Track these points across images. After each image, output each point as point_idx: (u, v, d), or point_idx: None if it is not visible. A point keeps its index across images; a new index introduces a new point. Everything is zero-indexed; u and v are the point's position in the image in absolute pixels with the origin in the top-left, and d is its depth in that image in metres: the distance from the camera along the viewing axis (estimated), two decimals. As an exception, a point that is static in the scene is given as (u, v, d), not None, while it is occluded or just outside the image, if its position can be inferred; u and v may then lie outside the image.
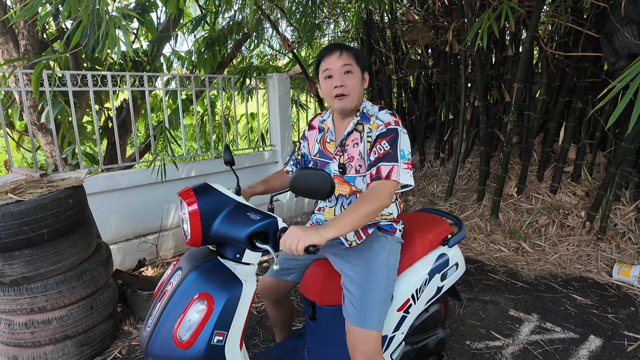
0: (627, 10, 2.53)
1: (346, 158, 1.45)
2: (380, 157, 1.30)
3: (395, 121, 1.36)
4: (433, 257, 1.66)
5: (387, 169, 1.28)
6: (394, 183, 1.28)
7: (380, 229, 1.51)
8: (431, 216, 1.86)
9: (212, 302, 1.09)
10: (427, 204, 4.12)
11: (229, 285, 1.13)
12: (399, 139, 1.33)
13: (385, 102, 4.60)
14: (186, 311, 1.09)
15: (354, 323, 1.35)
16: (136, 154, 3.40)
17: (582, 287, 2.72)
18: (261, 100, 4.55)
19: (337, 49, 1.39)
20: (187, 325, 1.08)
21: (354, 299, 1.37)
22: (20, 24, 3.41)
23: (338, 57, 1.38)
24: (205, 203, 1.15)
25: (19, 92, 3.27)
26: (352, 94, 1.39)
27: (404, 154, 1.33)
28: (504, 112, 3.93)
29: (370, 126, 1.39)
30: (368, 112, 1.43)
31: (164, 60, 4.37)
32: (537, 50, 3.96)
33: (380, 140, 1.33)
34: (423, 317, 1.69)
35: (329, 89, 1.40)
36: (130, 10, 2.87)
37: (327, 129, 1.52)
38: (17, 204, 1.67)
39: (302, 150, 1.66)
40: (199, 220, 1.13)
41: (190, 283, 1.13)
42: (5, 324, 1.81)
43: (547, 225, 3.39)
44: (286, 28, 5.38)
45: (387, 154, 1.30)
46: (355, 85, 1.39)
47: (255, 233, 1.13)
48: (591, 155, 3.51)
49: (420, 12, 4.13)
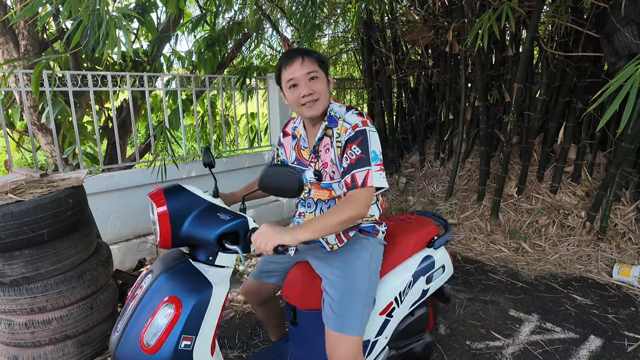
0: (627, 10, 2.53)
1: (320, 165, 1.42)
2: (353, 163, 1.27)
3: (362, 121, 1.31)
4: (418, 259, 1.63)
5: (362, 175, 1.25)
6: (370, 190, 1.25)
7: (362, 231, 1.48)
8: (417, 217, 1.84)
9: (180, 305, 1.07)
10: (427, 204, 4.12)
11: (198, 289, 1.10)
12: (368, 140, 1.28)
13: (385, 102, 4.60)
14: (154, 315, 1.07)
15: (333, 328, 1.32)
16: (136, 154, 3.40)
17: (582, 287, 2.72)
18: (261, 100, 4.55)
19: (298, 55, 1.33)
20: (154, 329, 1.06)
21: (334, 303, 1.34)
22: (20, 24, 3.41)
23: (301, 65, 1.32)
24: (175, 204, 1.14)
25: (19, 92, 3.27)
26: (322, 99, 1.36)
27: (376, 155, 1.29)
28: (504, 112, 3.93)
29: (339, 130, 1.34)
30: (335, 115, 1.38)
31: (164, 61, 4.38)
32: (537, 51, 3.96)
33: (350, 145, 1.29)
34: (408, 321, 1.65)
35: (296, 98, 1.35)
36: (131, 10, 2.87)
37: (300, 135, 1.49)
38: (17, 204, 1.67)
39: (281, 156, 1.63)
40: (168, 221, 1.12)
41: (159, 286, 1.11)
42: (6, 324, 1.81)
43: (547, 226, 3.39)
44: (286, 28, 5.38)
45: (360, 159, 1.26)
46: (323, 90, 1.35)
47: (225, 234, 1.12)
48: (591, 155, 3.51)
49: (420, 12, 4.13)
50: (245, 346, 2.16)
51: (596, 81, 3.27)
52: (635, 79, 1.37)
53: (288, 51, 1.39)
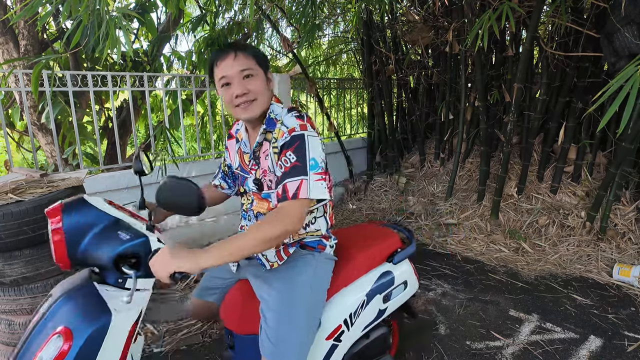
0: (627, 10, 2.53)
1: (261, 172, 1.28)
2: (287, 171, 1.12)
3: (301, 125, 1.17)
4: (373, 276, 1.47)
5: (295, 185, 1.10)
6: (303, 202, 1.10)
7: (305, 247, 1.34)
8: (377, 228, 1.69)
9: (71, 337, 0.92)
10: (427, 204, 4.12)
11: (93, 317, 0.95)
12: (306, 146, 1.14)
13: (385, 102, 4.60)
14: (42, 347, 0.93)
15: (269, 358, 1.18)
16: (136, 154, 3.40)
17: (582, 287, 2.72)
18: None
19: (231, 50, 1.20)
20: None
21: (270, 329, 1.19)
22: (20, 24, 3.41)
23: (233, 61, 1.19)
24: (73, 220, 1.03)
25: (19, 92, 3.27)
26: (259, 99, 1.22)
27: (316, 163, 1.14)
28: (504, 112, 3.94)
29: (276, 134, 1.20)
30: (275, 117, 1.25)
31: (164, 61, 4.37)
32: (537, 51, 3.96)
33: (285, 152, 1.14)
34: (362, 344, 1.48)
35: (229, 98, 1.22)
36: (131, 10, 2.87)
37: (241, 139, 1.38)
38: (17, 204, 1.67)
39: (227, 161, 1.50)
40: (63, 240, 1.01)
41: (53, 315, 0.97)
42: (6, 324, 1.81)
43: (547, 226, 3.39)
44: (286, 28, 5.38)
45: (294, 168, 1.12)
46: (260, 89, 1.22)
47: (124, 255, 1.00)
48: (591, 155, 3.51)
49: (420, 12, 4.13)
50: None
51: (596, 81, 3.27)
52: (635, 79, 1.38)
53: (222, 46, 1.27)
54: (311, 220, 1.34)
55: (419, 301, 2.55)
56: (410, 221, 3.96)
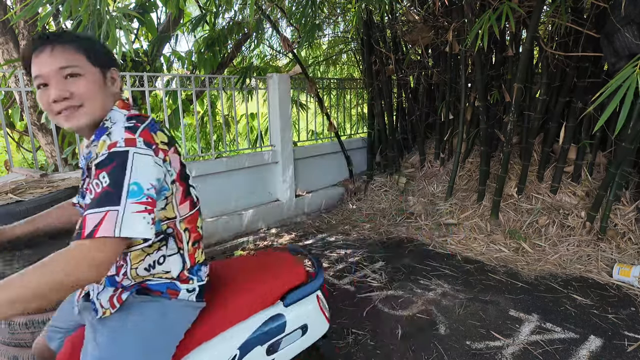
0: (627, 10, 2.53)
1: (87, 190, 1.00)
2: (95, 199, 0.85)
3: (127, 139, 0.90)
4: (254, 322, 1.20)
5: (96, 219, 0.82)
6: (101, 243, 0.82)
7: (148, 292, 1.04)
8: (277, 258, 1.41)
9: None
10: (427, 204, 4.12)
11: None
12: (127, 167, 0.87)
13: (385, 102, 4.60)
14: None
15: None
16: (136, 154, 3.40)
17: (582, 287, 2.72)
18: (261, 100, 4.55)
19: (47, 44, 0.94)
20: None
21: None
22: (20, 24, 3.42)
23: (49, 56, 0.94)
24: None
25: (19, 92, 3.27)
26: (87, 105, 0.97)
27: (140, 189, 0.87)
28: (504, 112, 3.94)
29: (98, 148, 0.93)
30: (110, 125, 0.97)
31: (164, 61, 4.38)
32: (537, 51, 3.97)
33: (99, 172, 0.87)
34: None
35: (45, 103, 0.96)
36: (131, 10, 2.87)
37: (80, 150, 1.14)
38: (18, 204, 1.67)
39: None
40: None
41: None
42: (5, 324, 1.81)
43: (547, 226, 3.39)
44: (286, 28, 5.38)
45: (103, 195, 0.85)
46: (88, 92, 0.97)
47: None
48: (591, 155, 3.51)
49: (420, 12, 4.13)
50: None
51: (596, 81, 3.27)
52: (633, 79, 1.38)
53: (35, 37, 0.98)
54: (158, 260, 1.05)
55: (418, 301, 2.55)
56: (410, 221, 3.97)
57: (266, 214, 4.02)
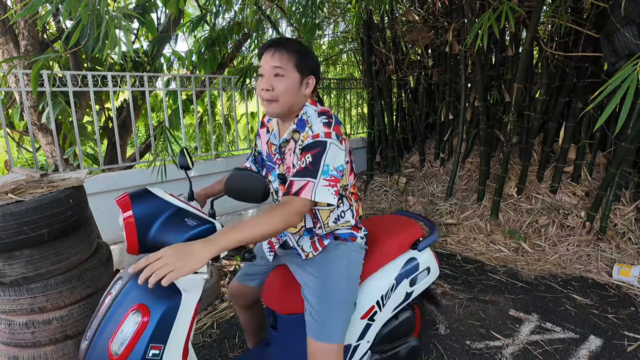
0: (627, 10, 2.53)
1: (284, 168, 1.37)
2: (299, 171, 1.20)
3: (326, 132, 1.22)
4: (401, 261, 1.59)
5: (300, 184, 1.17)
6: (304, 201, 1.16)
7: (338, 238, 1.43)
8: (401, 218, 1.79)
9: (148, 313, 1.04)
10: (427, 204, 4.12)
11: (166, 296, 1.07)
12: (325, 152, 1.20)
13: (385, 102, 4.60)
14: (122, 323, 1.04)
15: (314, 336, 1.30)
16: (136, 154, 3.40)
17: (582, 287, 2.72)
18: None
19: (272, 47, 1.25)
20: (122, 338, 1.03)
21: (314, 311, 1.33)
22: (20, 24, 3.42)
23: (271, 57, 1.24)
24: (142, 209, 1.12)
25: (19, 92, 3.27)
26: (281, 100, 1.26)
27: (328, 169, 1.19)
28: (504, 112, 3.94)
29: (303, 137, 1.26)
30: (308, 119, 1.29)
31: (164, 61, 4.38)
32: (537, 51, 3.96)
33: (305, 154, 1.21)
34: (392, 324, 1.61)
35: (259, 89, 1.28)
36: (131, 10, 2.87)
37: (272, 130, 1.45)
38: (18, 204, 1.67)
39: (258, 147, 1.58)
40: (134, 227, 1.11)
41: (128, 293, 1.08)
42: (6, 324, 1.81)
43: (547, 226, 3.39)
44: (286, 28, 5.38)
45: (305, 169, 1.19)
46: (286, 91, 1.25)
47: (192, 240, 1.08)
48: (591, 155, 3.51)
49: (420, 12, 4.13)
50: (245, 346, 2.16)
51: (596, 81, 3.28)
52: (632, 78, 1.38)
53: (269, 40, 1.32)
54: (340, 214, 1.43)
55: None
56: (410, 221, 3.96)
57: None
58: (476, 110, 3.91)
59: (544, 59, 3.45)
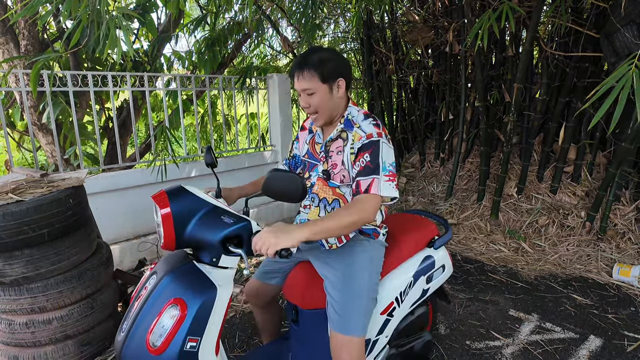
0: (627, 10, 2.53)
1: (330, 165, 1.45)
2: (361, 170, 1.30)
3: (377, 132, 1.34)
4: (418, 259, 1.65)
5: (367, 182, 1.27)
6: (375, 197, 1.26)
7: (362, 233, 1.50)
8: (417, 217, 1.84)
9: (185, 307, 1.08)
10: (427, 204, 4.12)
11: (202, 290, 1.11)
12: (380, 151, 1.31)
13: (385, 102, 4.60)
14: (159, 316, 1.09)
15: (337, 329, 1.34)
16: (137, 154, 3.41)
17: (582, 287, 2.72)
18: (261, 101, 4.55)
19: (297, 70, 1.37)
20: (160, 330, 1.07)
21: (337, 304, 1.37)
22: (20, 24, 3.42)
23: (298, 81, 1.37)
24: (179, 206, 1.15)
25: (19, 92, 3.27)
26: (320, 112, 1.40)
27: (386, 165, 1.31)
28: (504, 112, 3.94)
29: (353, 137, 1.38)
30: (353, 119, 1.42)
31: (164, 61, 4.38)
32: (537, 51, 3.96)
33: (363, 154, 1.32)
34: (408, 320, 1.68)
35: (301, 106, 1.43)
36: (131, 10, 2.87)
37: (316, 131, 1.54)
38: (18, 204, 1.67)
39: (294, 151, 1.67)
40: (172, 223, 1.13)
41: (164, 288, 1.12)
42: (6, 323, 1.82)
43: (547, 225, 3.39)
44: (286, 28, 5.39)
45: (367, 168, 1.29)
46: (320, 103, 1.38)
47: (229, 237, 1.13)
48: (591, 155, 3.51)
49: (420, 12, 4.13)
50: (245, 346, 2.16)
51: (596, 81, 3.27)
52: (628, 78, 1.38)
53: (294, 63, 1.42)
54: None
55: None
56: (410, 221, 3.96)
57: (267, 213, 4.02)
58: (476, 110, 3.91)
59: (544, 59, 3.45)
